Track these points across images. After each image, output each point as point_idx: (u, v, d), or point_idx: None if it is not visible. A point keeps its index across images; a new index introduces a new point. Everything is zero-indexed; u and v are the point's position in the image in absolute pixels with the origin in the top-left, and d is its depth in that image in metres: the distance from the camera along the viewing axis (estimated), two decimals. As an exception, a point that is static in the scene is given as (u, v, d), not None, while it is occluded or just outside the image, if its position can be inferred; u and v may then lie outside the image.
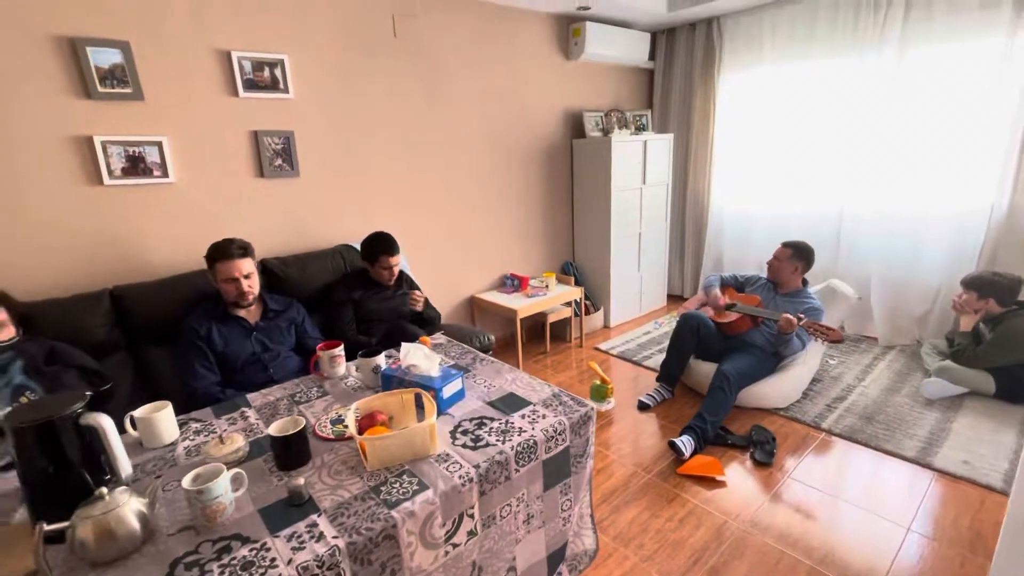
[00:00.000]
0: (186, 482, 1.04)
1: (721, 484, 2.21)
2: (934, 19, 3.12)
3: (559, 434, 1.40)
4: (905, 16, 3.21)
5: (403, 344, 1.61)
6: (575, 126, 4.07)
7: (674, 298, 4.82)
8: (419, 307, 2.54)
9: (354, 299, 2.49)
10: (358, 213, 2.99)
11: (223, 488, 1.05)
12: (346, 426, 1.41)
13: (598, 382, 2.91)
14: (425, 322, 2.60)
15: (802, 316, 2.60)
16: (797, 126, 3.83)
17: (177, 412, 1.58)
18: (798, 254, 2.83)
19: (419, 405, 1.41)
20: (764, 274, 3.01)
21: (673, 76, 4.45)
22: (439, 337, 2.13)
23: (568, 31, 3.84)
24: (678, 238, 4.73)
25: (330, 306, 2.49)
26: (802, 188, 3.87)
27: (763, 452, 2.38)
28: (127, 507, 0.99)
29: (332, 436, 1.38)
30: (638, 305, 4.36)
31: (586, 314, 4.02)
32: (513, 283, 3.79)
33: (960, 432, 2.48)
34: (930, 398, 2.78)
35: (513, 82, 3.60)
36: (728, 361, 2.69)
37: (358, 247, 2.68)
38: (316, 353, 1.78)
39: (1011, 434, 2.43)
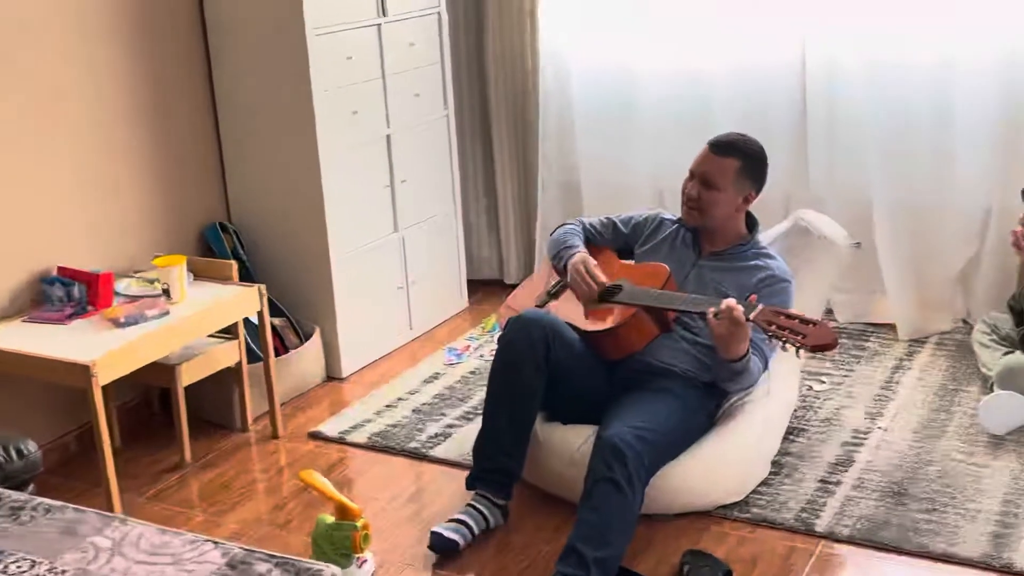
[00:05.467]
0: None
1: None
2: None
3: None
4: None
5: None
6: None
7: (488, 287, 2.74)
8: None
9: None
10: None
11: None
12: None
13: (330, 518, 1.40)
14: None
15: (754, 299, 1.42)
16: None
17: None
18: (749, 165, 1.56)
19: None
20: (667, 214, 1.71)
21: None
22: None
23: None
24: (480, 144, 2.66)
25: None
26: (726, 20, 2.17)
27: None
28: None
29: None
30: (405, 315, 2.31)
31: (282, 351, 1.98)
32: (70, 295, 1.52)
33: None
34: (993, 432, 1.64)
35: None
36: (616, 418, 1.46)
37: None
38: None
39: None
